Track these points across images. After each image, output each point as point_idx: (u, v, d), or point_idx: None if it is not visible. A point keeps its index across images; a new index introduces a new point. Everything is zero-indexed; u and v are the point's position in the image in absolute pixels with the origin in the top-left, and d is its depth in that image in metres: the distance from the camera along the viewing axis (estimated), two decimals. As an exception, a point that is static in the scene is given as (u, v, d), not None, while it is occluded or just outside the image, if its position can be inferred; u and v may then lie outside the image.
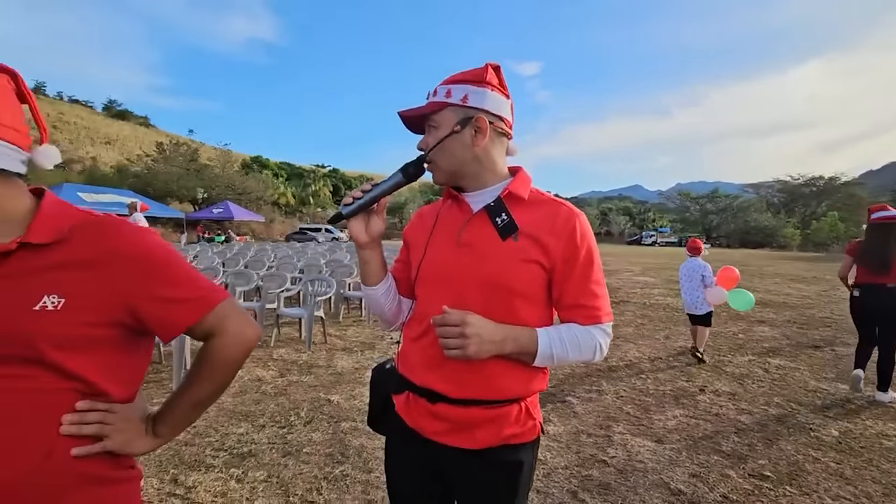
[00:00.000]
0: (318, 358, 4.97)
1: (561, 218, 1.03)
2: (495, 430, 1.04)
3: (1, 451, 0.71)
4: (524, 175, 1.12)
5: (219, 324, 0.87)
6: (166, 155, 38.58)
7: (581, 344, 1.02)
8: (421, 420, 1.09)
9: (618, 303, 9.37)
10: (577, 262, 1.02)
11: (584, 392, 4.10)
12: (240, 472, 2.63)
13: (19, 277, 0.74)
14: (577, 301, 1.04)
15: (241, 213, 31.42)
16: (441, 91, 1.04)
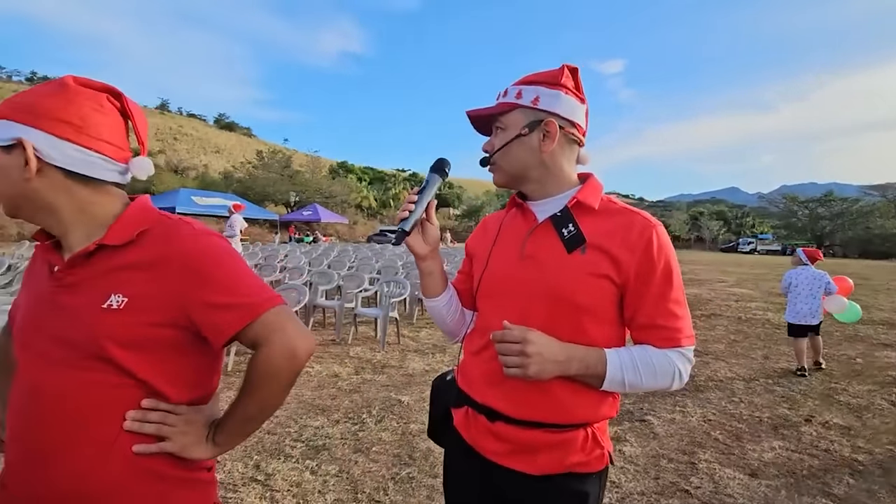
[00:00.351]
0: (391, 358, 5.11)
1: (635, 229, 0.94)
2: (559, 457, 0.97)
3: (69, 440, 0.77)
4: (595, 183, 1.06)
5: (265, 333, 0.82)
6: (265, 162, 42.42)
7: (657, 369, 0.93)
8: (480, 438, 1.05)
9: (708, 316, 8.63)
10: (654, 278, 0.93)
11: (667, 412, 3.81)
12: (314, 464, 2.77)
13: (96, 277, 0.80)
14: (654, 321, 0.94)
15: (327, 215, 33.36)
16: (512, 91, 1.01)
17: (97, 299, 0.79)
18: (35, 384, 0.79)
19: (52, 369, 0.78)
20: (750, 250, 54.38)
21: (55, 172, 0.78)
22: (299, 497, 2.43)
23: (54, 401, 0.77)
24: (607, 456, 1.01)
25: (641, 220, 0.96)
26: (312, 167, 46.43)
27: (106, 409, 0.79)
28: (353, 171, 62.68)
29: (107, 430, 0.78)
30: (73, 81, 0.81)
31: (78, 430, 0.78)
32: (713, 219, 72.32)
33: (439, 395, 1.23)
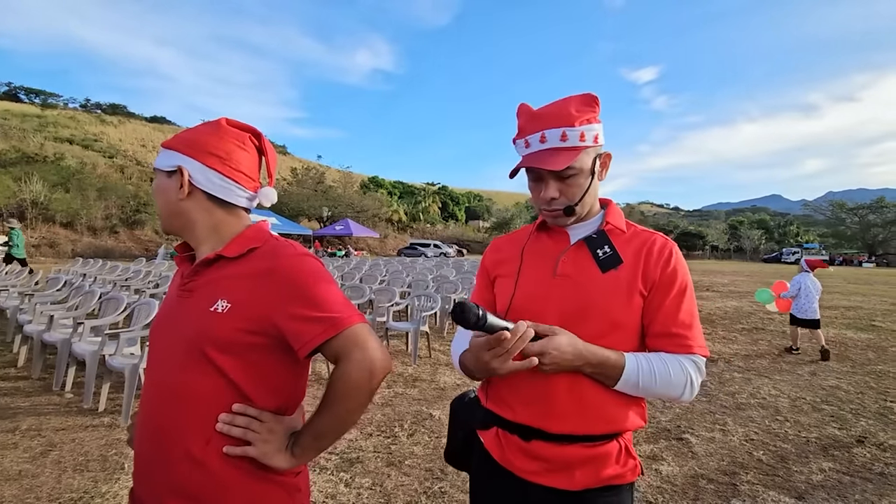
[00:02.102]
0: (422, 371, 5.15)
1: (657, 246, 1.04)
2: (595, 471, 0.99)
3: (174, 430, 0.88)
4: (618, 208, 1.13)
5: (346, 348, 0.87)
6: (299, 178, 43.81)
7: (671, 375, 0.97)
8: (513, 458, 1.04)
9: (750, 330, 8.29)
10: (672, 290, 1.01)
11: (706, 430, 3.68)
12: (348, 476, 2.82)
13: (209, 283, 0.93)
14: (668, 329, 1.00)
15: (359, 229, 33.95)
16: (574, 135, 0.98)
17: (207, 303, 0.90)
18: (158, 381, 0.92)
19: (170, 366, 0.91)
20: (794, 260, 51.89)
21: (201, 195, 0.96)
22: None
23: (172, 396, 0.89)
24: (639, 467, 1.04)
25: (661, 238, 1.07)
26: (344, 182, 47.56)
27: (207, 406, 0.88)
28: (384, 185, 63.80)
29: (205, 426, 0.88)
30: (226, 122, 0.99)
31: (187, 425, 0.88)
32: (754, 228, 69.56)
33: (459, 417, 1.22)
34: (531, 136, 1.02)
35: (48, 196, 25.90)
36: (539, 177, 1.04)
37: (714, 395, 4.55)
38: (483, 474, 1.13)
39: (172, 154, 0.95)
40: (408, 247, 37.54)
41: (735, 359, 6.12)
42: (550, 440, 1.00)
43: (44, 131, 45.03)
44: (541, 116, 1.02)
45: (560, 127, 0.99)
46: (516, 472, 1.04)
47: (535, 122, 1.02)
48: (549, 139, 1.00)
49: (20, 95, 74.25)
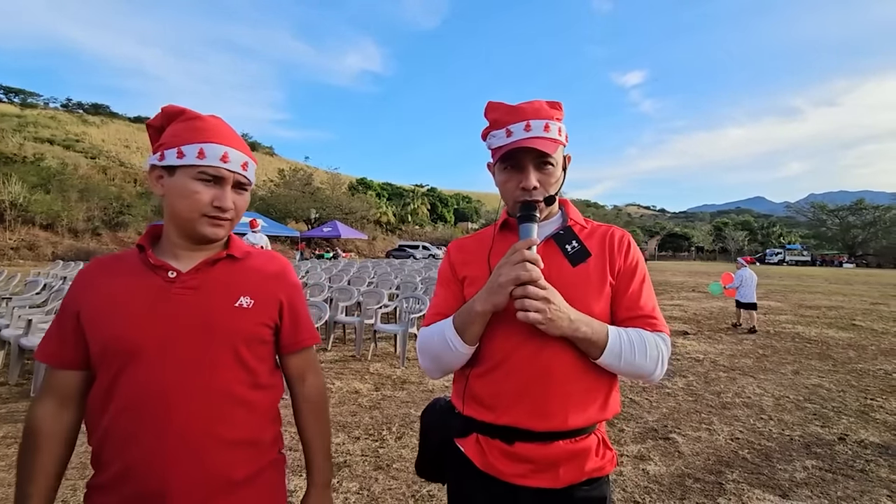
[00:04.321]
0: (411, 374, 5.12)
1: (616, 237, 1.10)
2: (578, 466, 1.01)
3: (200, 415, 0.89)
4: (574, 207, 1.19)
5: (313, 362, 1.09)
6: (286, 180, 43.34)
7: (647, 347, 1.00)
8: (497, 462, 1.02)
9: (734, 329, 8.41)
10: (635, 276, 1.07)
11: (692, 430, 3.72)
12: (335, 481, 2.79)
13: (224, 280, 0.97)
14: (636, 312, 1.04)
15: (347, 231, 33.77)
16: (555, 128, 1.03)
17: (228, 299, 0.95)
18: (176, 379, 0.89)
19: (193, 362, 0.90)
20: (778, 261, 52.81)
21: None
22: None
23: (200, 390, 0.90)
24: (615, 457, 1.07)
25: (619, 230, 1.13)
26: (332, 184, 47.21)
27: (233, 396, 0.93)
28: (372, 187, 63.51)
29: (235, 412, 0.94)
30: None
31: (219, 416, 0.91)
32: (738, 229, 70.72)
33: (433, 428, 1.17)
34: (514, 125, 1.02)
35: (27, 197, 25.23)
36: (519, 166, 1.04)
37: (700, 395, 4.60)
38: (464, 483, 1.09)
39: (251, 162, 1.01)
40: (396, 248, 37.43)
41: (720, 359, 6.20)
42: (534, 440, 0.99)
43: (23, 131, 43.97)
44: (521, 109, 1.04)
45: (543, 119, 1.02)
46: (501, 477, 1.02)
47: (516, 114, 1.03)
48: (533, 128, 1.01)
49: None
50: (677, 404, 4.30)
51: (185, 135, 0.91)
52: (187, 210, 0.91)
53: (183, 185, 0.91)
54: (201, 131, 0.92)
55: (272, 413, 1.02)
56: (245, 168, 0.96)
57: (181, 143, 0.90)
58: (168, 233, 0.97)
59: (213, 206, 0.92)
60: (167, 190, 0.92)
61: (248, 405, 0.95)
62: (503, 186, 1.09)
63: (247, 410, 0.95)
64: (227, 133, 0.95)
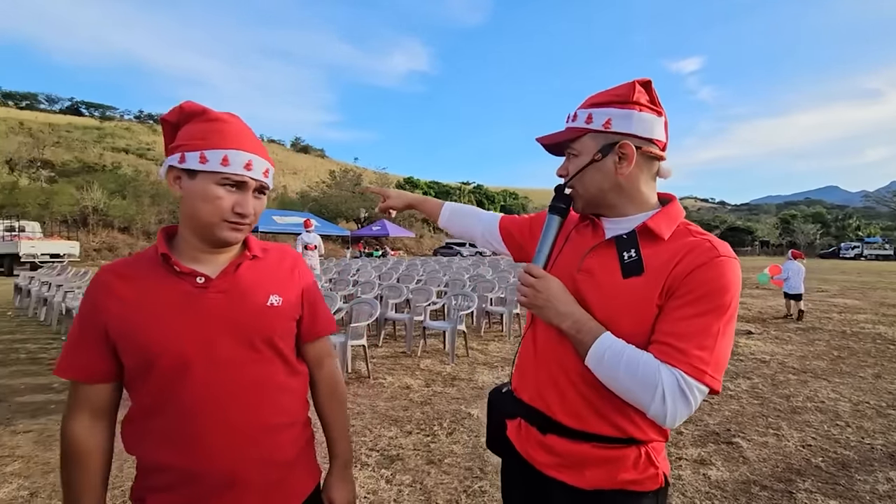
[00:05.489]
0: (460, 371, 5.16)
1: (694, 252, 0.89)
2: (608, 473, 0.97)
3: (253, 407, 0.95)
4: (674, 210, 0.99)
5: (329, 348, 1.16)
6: (337, 181, 44.92)
7: (639, 369, 0.85)
8: (531, 449, 1.06)
9: (805, 330, 7.84)
10: (691, 305, 0.86)
11: (758, 434, 3.51)
12: (389, 473, 2.87)
13: (251, 280, 0.99)
14: (663, 338, 0.87)
15: (395, 230, 34.37)
16: (581, 116, 0.98)
17: (259, 298, 0.99)
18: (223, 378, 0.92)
19: (236, 360, 0.94)
20: (854, 255, 48.54)
21: None
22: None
23: (250, 385, 0.95)
24: (662, 477, 0.98)
25: (710, 246, 0.89)
26: (381, 183, 48.23)
27: (278, 385, 1.00)
28: (419, 185, 64.29)
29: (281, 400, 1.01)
30: None
31: (270, 404, 0.98)
32: (808, 221, 65.62)
33: (494, 407, 1.25)
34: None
35: (107, 203, 27.73)
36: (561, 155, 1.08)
37: (766, 398, 4.33)
38: (510, 463, 1.16)
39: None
40: (443, 246, 37.66)
41: (789, 360, 5.80)
42: (564, 435, 1.00)
43: (102, 142, 48.13)
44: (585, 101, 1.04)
45: (580, 108, 1.00)
46: (534, 465, 1.05)
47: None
48: (568, 120, 1.02)
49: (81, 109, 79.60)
50: (741, 407, 4.08)
51: (210, 139, 0.90)
52: (208, 214, 0.91)
53: (204, 190, 0.90)
54: (225, 136, 0.91)
55: (305, 394, 1.11)
56: (266, 175, 0.97)
57: (204, 148, 0.89)
58: (185, 235, 0.96)
59: (234, 212, 0.92)
60: (186, 192, 0.91)
61: (289, 391, 1.02)
62: None
63: (289, 396, 1.02)
64: (250, 139, 0.95)
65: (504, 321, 7.26)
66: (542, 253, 1.03)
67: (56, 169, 34.58)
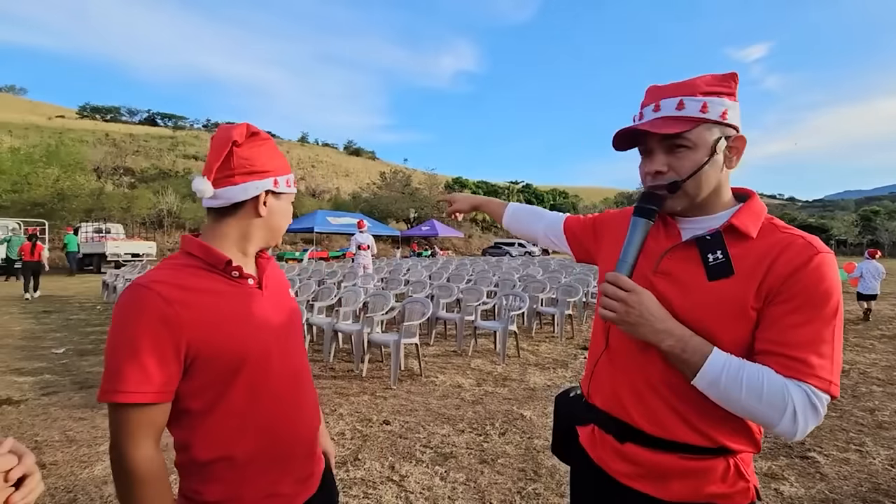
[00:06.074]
0: (511, 371, 5.14)
1: (790, 252, 0.84)
2: (695, 485, 0.91)
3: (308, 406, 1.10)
4: (756, 206, 0.94)
5: None
6: (387, 182, 45.92)
7: (764, 391, 0.79)
8: (607, 457, 1.01)
9: (891, 337, 7.15)
10: (799, 309, 0.82)
11: (837, 450, 3.25)
12: (443, 470, 2.91)
13: (275, 278, 1.12)
14: (775, 348, 0.82)
15: (444, 230, 34.62)
16: (694, 105, 0.88)
17: (285, 295, 1.13)
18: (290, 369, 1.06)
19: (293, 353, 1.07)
20: (953, 256, 43.59)
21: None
22: (431, 501, 2.58)
23: (301, 376, 1.09)
24: (753, 491, 0.92)
25: (803, 242, 0.85)
26: (430, 184, 48.85)
27: (306, 363, 1.15)
28: (468, 185, 64.43)
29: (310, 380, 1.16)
30: None
31: (309, 382, 1.14)
32: (893, 218, 59.57)
33: (562, 412, 1.22)
34: (646, 107, 0.94)
35: (179, 206, 29.99)
36: (648, 150, 0.94)
37: (847, 411, 4.00)
38: (580, 470, 1.12)
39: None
40: (492, 246, 37.50)
41: (873, 370, 5.32)
42: (645, 444, 0.94)
43: (175, 150, 51.94)
44: (662, 88, 0.94)
45: (678, 96, 0.90)
46: (611, 473, 1.00)
47: (655, 93, 0.94)
48: (663, 108, 0.91)
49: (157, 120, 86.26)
50: (817, 420, 3.78)
51: (283, 163, 1.06)
52: (283, 227, 1.10)
53: (286, 208, 1.09)
54: (285, 161, 1.08)
55: None
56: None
57: (286, 172, 1.06)
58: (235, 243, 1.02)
59: None
60: (272, 210, 1.04)
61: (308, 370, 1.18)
62: (639, 172, 1.00)
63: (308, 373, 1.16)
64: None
65: (555, 322, 7.14)
66: (626, 261, 0.93)
67: (136, 175, 37.70)
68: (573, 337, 6.94)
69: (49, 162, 23.95)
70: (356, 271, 10.04)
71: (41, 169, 23.28)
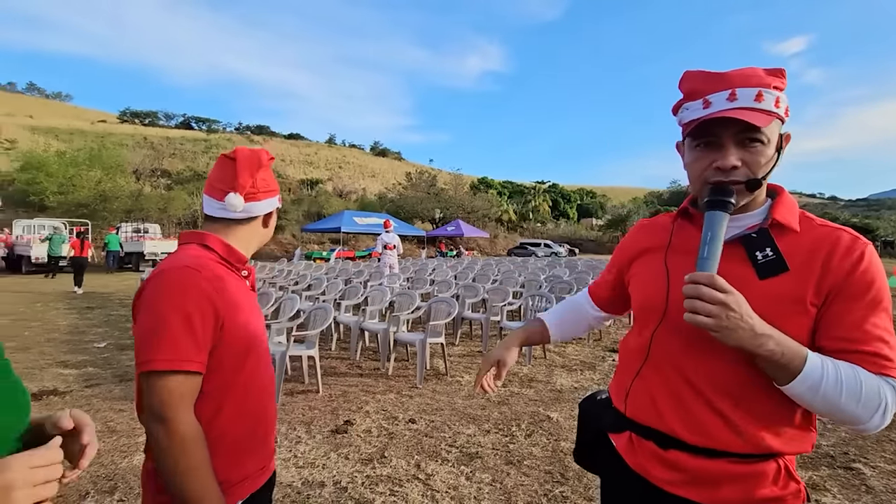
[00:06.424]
0: (537, 372, 5.09)
1: (841, 247, 0.84)
2: (746, 490, 0.87)
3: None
4: (790, 198, 0.93)
5: None
6: (413, 182, 46.19)
7: (864, 391, 0.78)
8: (648, 465, 0.97)
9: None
10: (861, 301, 0.82)
11: (884, 461, 3.09)
12: (469, 470, 2.90)
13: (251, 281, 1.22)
14: (856, 346, 0.81)
15: (469, 230, 34.58)
16: (770, 98, 0.85)
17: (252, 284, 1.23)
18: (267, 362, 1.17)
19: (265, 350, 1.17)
20: None
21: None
22: (457, 500, 2.58)
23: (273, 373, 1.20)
24: (804, 492, 0.89)
25: (850, 236, 0.86)
26: (455, 184, 48.80)
27: None
28: (493, 185, 64.16)
29: None
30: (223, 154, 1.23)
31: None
32: (946, 218, 56.16)
33: (589, 417, 1.16)
34: (714, 94, 0.87)
35: (213, 207, 30.90)
36: (716, 142, 0.88)
37: (893, 420, 3.78)
38: (617, 479, 1.06)
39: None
40: (517, 246, 37.22)
41: (925, 378, 5.02)
42: (690, 451, 0.90)
43: (209, 152, 53.65)
44: (726, 76, 0.88)
45: (753, 86, 0.85)
46: (652, 481, 0.95)
47: (719, 81, 0.88)
48: (740, 98, 0.85)
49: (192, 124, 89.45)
50: (862, 429, 3.60)
51: (276, 184, 1.21)
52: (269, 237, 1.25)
53: (274, 222, 1.25)
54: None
55: None
56: None
57: (277, 194, 1.22)
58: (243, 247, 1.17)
59: None
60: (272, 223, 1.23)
61: None
62: (692, 167, 0.93)
63: None
64: None
65: (583, 324, 7.02)
66: (712, 259, 0.84)
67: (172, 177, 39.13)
68: (601, 339, 6.82)
69: (92, 165, 25.13)
70: (382, 271, 10.13)
71: (85, 171, 24.45)
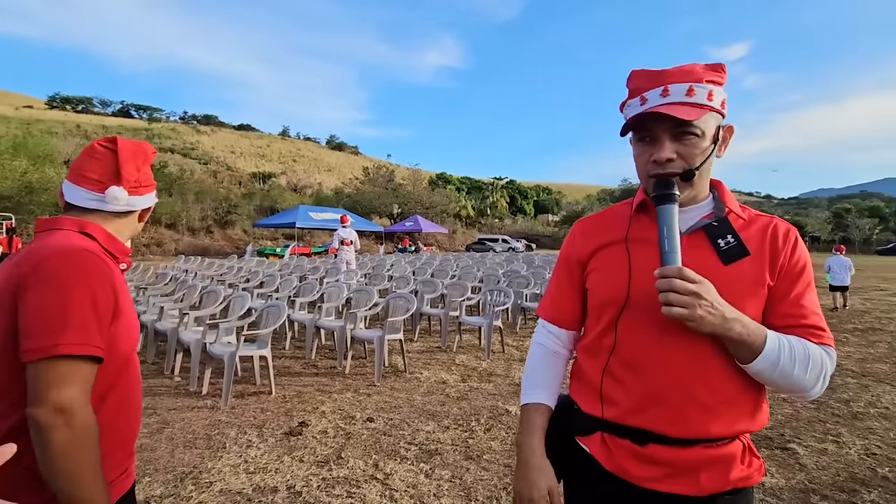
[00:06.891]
0: (496, 367, 5.12)
1: (782, 232, 0.95)
2: (722, 473, 0.90)
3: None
4: (729, 192, 1.02)
5: None
6: (370, 177, 45.55)
7: (810, 360, 0.87)
8: (626, 464, 0.94)
9: (864, 331, 7.37)
10: (800, 279, 0.93)
11: (815, 441, 3.32)
12: (428, 467, 2.87)
13: None
14: (799, 321, 0.91)
15: (428, 225, 34.55)
16: (702, 92, 0.89)
17: None
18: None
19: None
20: (918, 252, 45.37)
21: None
22: (416, 499, 2.54)
23: None
24: (763, 466, 0.96)
25: (783, 224, 0.97)
26: (413, 180, 48.57)
27: None
28: (451, 181, 64.26)
29: None
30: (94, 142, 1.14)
31: None
32: (864, 216, 61.67)
33: (552, 423, 1.07)
34: (650, 91, 0.91)
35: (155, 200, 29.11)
36: (651, 136, 0.92)
37: (823, 402, 4.09)
38: (589, 484, 1.01)
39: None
40: (476, 242, 37.58)
41: (847, 362, 5.46)
42: (668, 444, 0.90)
43: (150, 143, 50.48)
44: (663, 73, 0.92)
45: (686, 82, 0.89)
46: (632, 480, 0.93)
47: (656, 78, 0.92)
48: (672, 93, 0.89)
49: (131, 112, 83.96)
50: (795, 411, 3.86)
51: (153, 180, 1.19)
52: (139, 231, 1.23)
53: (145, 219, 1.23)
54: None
55: None
56: None
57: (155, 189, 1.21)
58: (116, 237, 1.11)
59: None
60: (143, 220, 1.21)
61: None
62: (636, 160, 0.97)
63: None
64: None
65: (540, 317, 7.15)
66: (674, 251, 0.86)
67: (109, 168, 36.55)
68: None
69: (16, 154, 23.03)
70: (339, 267, 9.91)
71: (7, 161, 22.39)
